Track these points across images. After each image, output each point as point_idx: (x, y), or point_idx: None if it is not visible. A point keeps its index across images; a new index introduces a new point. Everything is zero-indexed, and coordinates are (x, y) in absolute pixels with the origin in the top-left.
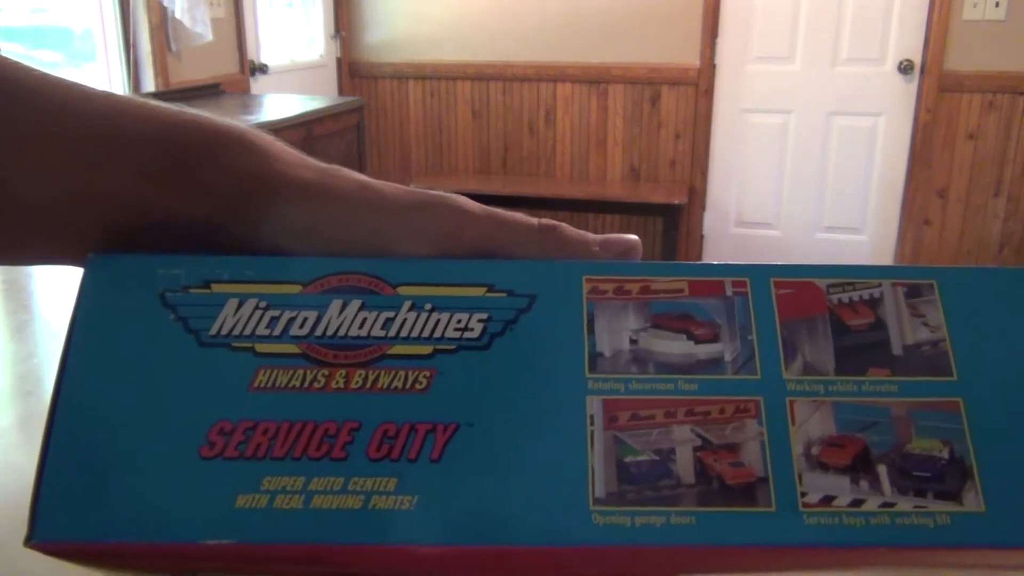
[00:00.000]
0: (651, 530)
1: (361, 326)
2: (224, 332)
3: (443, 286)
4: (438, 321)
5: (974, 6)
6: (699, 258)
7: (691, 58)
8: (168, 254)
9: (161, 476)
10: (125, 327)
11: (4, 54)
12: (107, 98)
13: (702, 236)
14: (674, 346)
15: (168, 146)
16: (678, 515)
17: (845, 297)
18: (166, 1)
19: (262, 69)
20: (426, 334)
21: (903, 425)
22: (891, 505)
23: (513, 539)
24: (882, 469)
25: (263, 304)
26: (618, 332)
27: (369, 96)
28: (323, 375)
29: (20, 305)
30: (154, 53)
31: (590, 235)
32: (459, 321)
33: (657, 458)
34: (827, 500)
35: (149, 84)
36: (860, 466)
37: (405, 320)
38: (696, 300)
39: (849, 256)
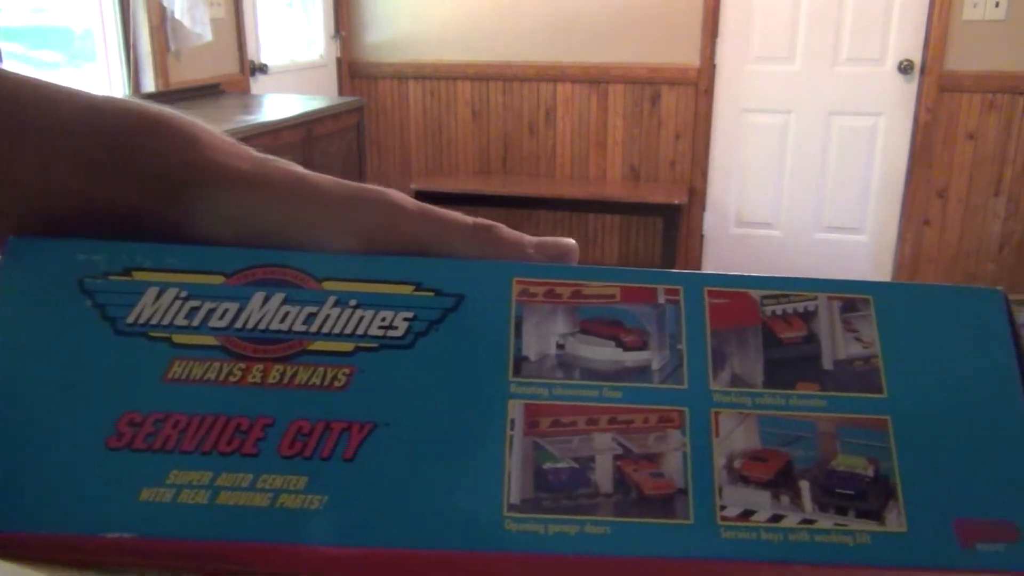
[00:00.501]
0: (564, 539)
1: (283, 320)
2: (142, 321)
3: (369, 282)
4: (362, 318)
5: (974, 6)
6: (699, 258)
7: (691, 58)
8: (92, 239)
9: (67, 466)
10: (41, 313)
11: None
12: (37, 87)
13: (702, 236)
14: (601, 352)
15: (100, 135)
16: (593, 524)
17: (779, 309)
18: (166, 1)
19: (262, 69)
20: (348, 331)
21: (828, 441)
22: (811, 522)
23: (422, 543)
24: (804, 485)
25: (183, 294)
26: (545, 336)
27: (369, 96)
28: (240, 368)
29: None
30: (154, 53)
31: (526, 237)
32: (383, 319)
33: (576, 466)
34: (746, 514)
35: (149, 84)
36: (782, 481)
37: (328, 316)
38: (627, 306)
39: (849, 256)
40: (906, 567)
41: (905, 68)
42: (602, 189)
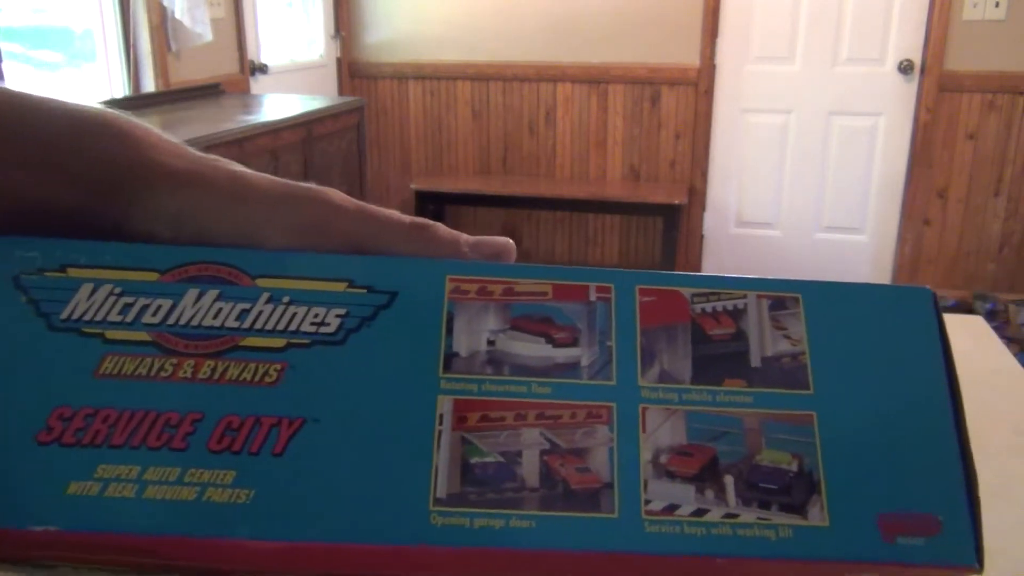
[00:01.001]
0: (490, 532)
1: (216, 316)
2: (75, 316)
3: (303, 279)
4: (295, 314)
5: (974, 6)
6: (699, 258)
7: (691, 58)
8: (30, 237)
9: None
10: None
11: None
12: None
13: (702, 236)
14: (531, 348)
15: (40, 134)
16: (519, 518)
17: (708, 307)
18: (166, 1)
19: (262, 69)
20: (281, 327)
21: (754, 436)
22: (734, 516)
23: (349, 536)
24: (729, 480)
25: (117, 290)
26: (476, 333)
27: (369, 96)
28: (171, 364)
29: None
30: (154, 53)
31: (463, 236)
32: (316, 315)
33: (503, 460)
34: (670, 509)
35: (149, 84)
36: (707, 476)
37: (261, 312)
38: (558, 304)
39: (849, 256)
40: (827, 560)
41: (905, 68)
42: (602, 189)
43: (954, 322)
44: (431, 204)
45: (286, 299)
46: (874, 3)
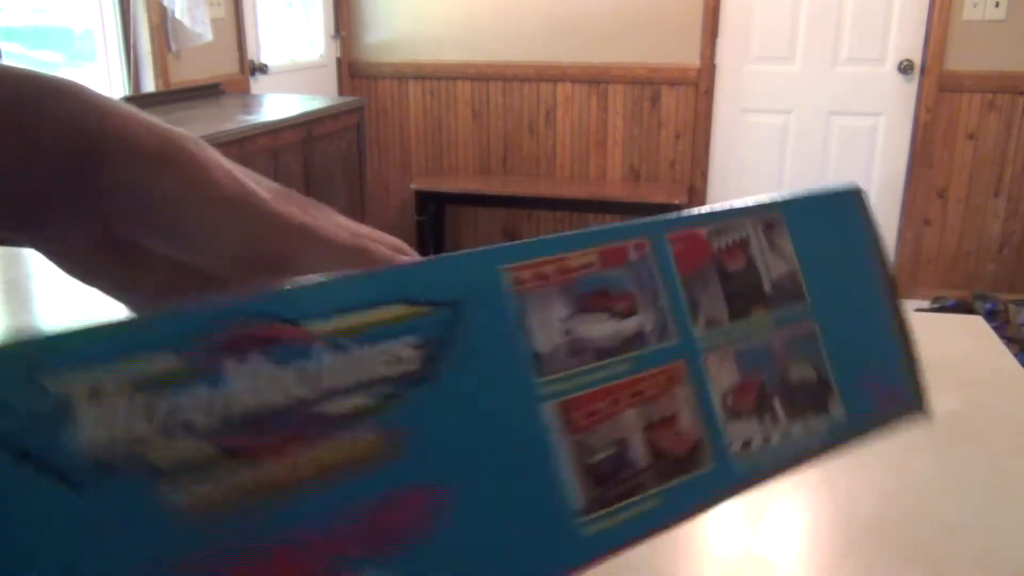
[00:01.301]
0: (632, 524)
1: (273, 390)
2: (90, 454)
3: (355, 312)
4: (367, 359)
5: (974, 6)
6: None
7: (691, 58)
8: None
9: None
10: None
11: None
12: None
13: None
14: (602, 328)
15: (2, 98)
16: (646, 500)
17: (723, 243)
18: (166, 1)
19: (262, 69)
20: (358, 379)
21: (782, 357)
22: (789, 434)
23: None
24: (776, 402)
25: (130, 388)
26: (550, 324)
27: (369, 96)
28: (248, 473)
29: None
30: (154, 53)
31: (399, 257)
32: (390, 351)
33: (616, 450)
34: (747, 444)
35: (149, 84)
36: (762, 404)
37: (327, 367)
38: (607, 272)
39: None
40: (851, 441)
41: (905, 68)
42: (602, 189)
43: (954, 322)
44: (431, 204)
45: (349, 341)
46: (874, 3)
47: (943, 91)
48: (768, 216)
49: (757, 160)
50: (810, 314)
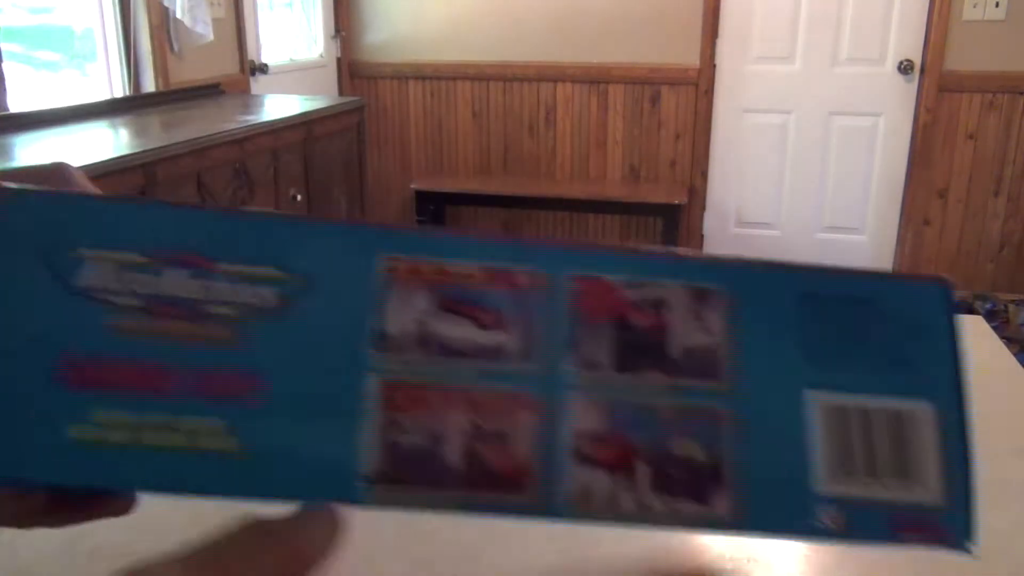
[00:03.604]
0: (408, 508)
1: (186, 291)
2: (86, 286)
3: (253, 265)
4: (243, 292)
5: (974, 6)
6: None
7: (691, 58)
8: (48, 214)
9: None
10: (9, 275)
11: None
12: None
13: (702, 236)
14: (460, 331)
15: None
16: (443, 499)
17: (635, 296)
18: (167, 1)
19: (262, 69)
20: (235, 300)
21: (670, 427)
22: (646, 504)
23: (289, 497)
24: (643, 469)
25: (115, 269)
26: (407, 313)
27: (369, 96)
28: (157, 325)
29: None
30: (154, 53)
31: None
32: (258, 294)
33: (429, 441)
34: (587, 495)
35: (149, 84)
36: (623, 464)
37: (220, 289)
38: (488, 289)
39: (849, 256)
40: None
41: (905, 68)
42: (602, 189)
43: None
44: (431, 204)
45: (237, 280)
46: (874, 3)
47: (943, 91)
48: (704, 286)
49: (757, 160)
50: (722, 398)
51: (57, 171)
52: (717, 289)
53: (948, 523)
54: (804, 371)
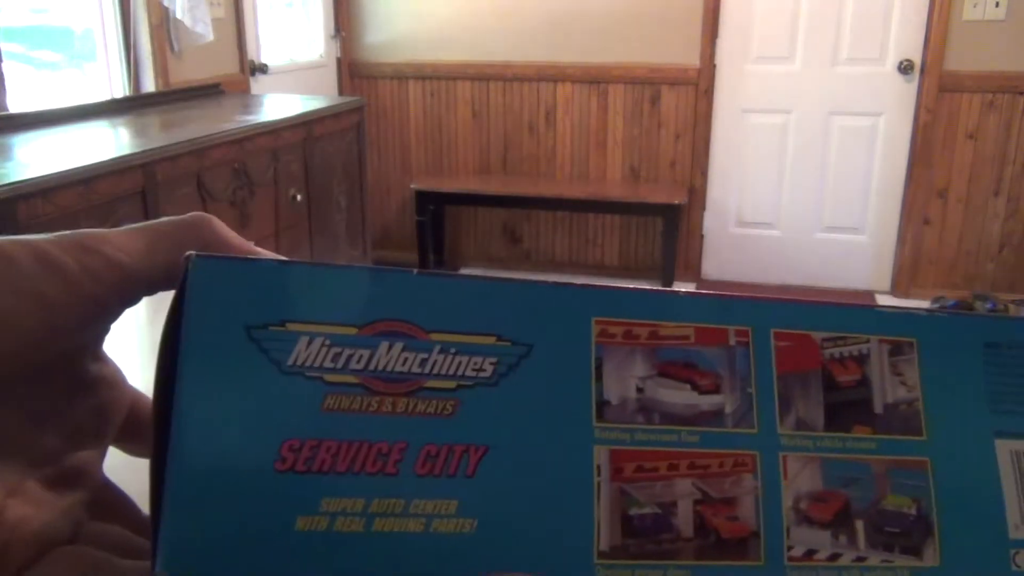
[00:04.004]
0: None
1: (404, 364)
2: (299, 363)
3: (465, 335)
4: (460, 362)
5: (974, 6)
6: (699, 258)
7: (691, 58)
8: (250, 285)
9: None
10: (219, 352)
11: None
12: None
13: (702, 236)
14: (678, 396)
15: None
16: (676, 569)
17: (836, 352)
18: (167, 1)
19: (262, 69)
20: (451, 372)
21: (880, 482)
22: (863, 559)
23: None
24: (859, 524)
25: (328, 342)
26: (625, 379)
27: (369, 96)
28: (376, 401)
29: None
30: (154, 53)
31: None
32: (475, 363)
33: (660, 511)
34: (809, 554)
35: (149, 84)
36: (841, 521)
37: (436, 360)
38: (700, 349)
39: (849, 256)
40: None
41: (905, 68)
42: (602, 189)
43: None
44: (431, 204)
45: (453, 350)
46: (874, 3)
47: (943, 91)
48: (899, 339)
49: (757, 160)
50: (925, 451)
51: (200, 224)
52: (911, 341)
53: None
54: (991, 420)
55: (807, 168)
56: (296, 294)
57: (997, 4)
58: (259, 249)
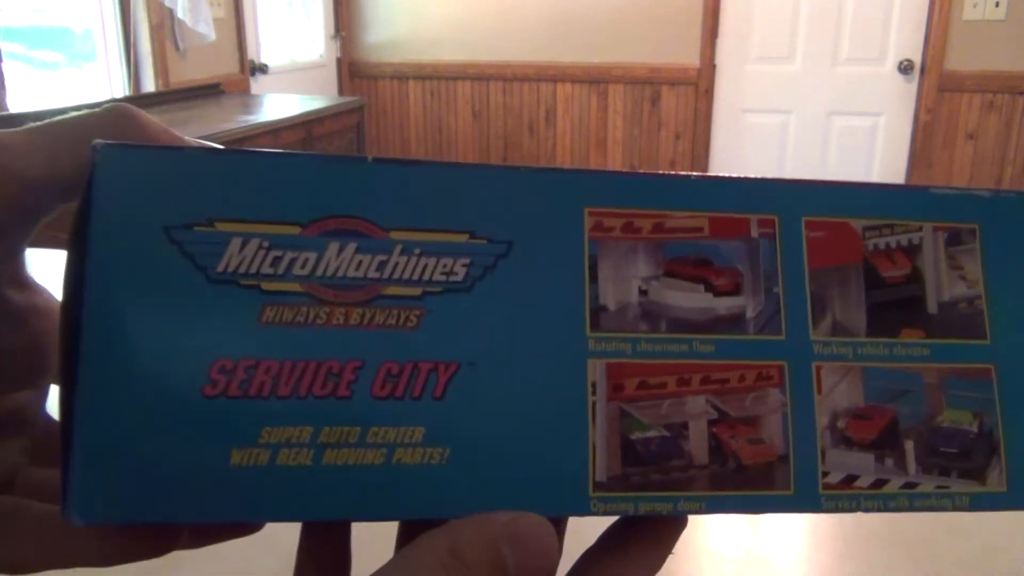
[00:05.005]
0: (653, 509)
1: (358, 268)
2: (231, 270)
3: (431, 231)
4: (426, 265)
5: (974, 6)
6: None
7: (691, 58)
8: (170, 178)
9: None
10: (132, 257)
11: None
12: None
13: None
14: (690, 298)
15: None
16: (687, 501)
17: (882, 243)
18: (168, 1)
19: (262, 69)
20: (416, 277)
21: (934, 394)
22: (913, 485)
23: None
24: (909, 445)
25: (266, 244)
26: (625, 280)
27: (369, 96)
28: (324, 312)
29: None
30: (154, 53)
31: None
32: (445, 265)
33: (668, 434)
34: (849, 480)
35: (149, 84)
36: (886, 441)
37: (397, 263)
38: (716, 242)
39: None
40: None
41: (905, 68)
42: None
43: None
44: None
45: (418, 251)
46: (874, 3)
47: (943, 91)
48: (958, 226)
49: (757, 160)
50: (989, 356)
51: (124, 116)
52: (972, 227)
53: None
54: None
55: (807, 168)
56: (227, 188)
57: (997, 4)
58: (191, 139)
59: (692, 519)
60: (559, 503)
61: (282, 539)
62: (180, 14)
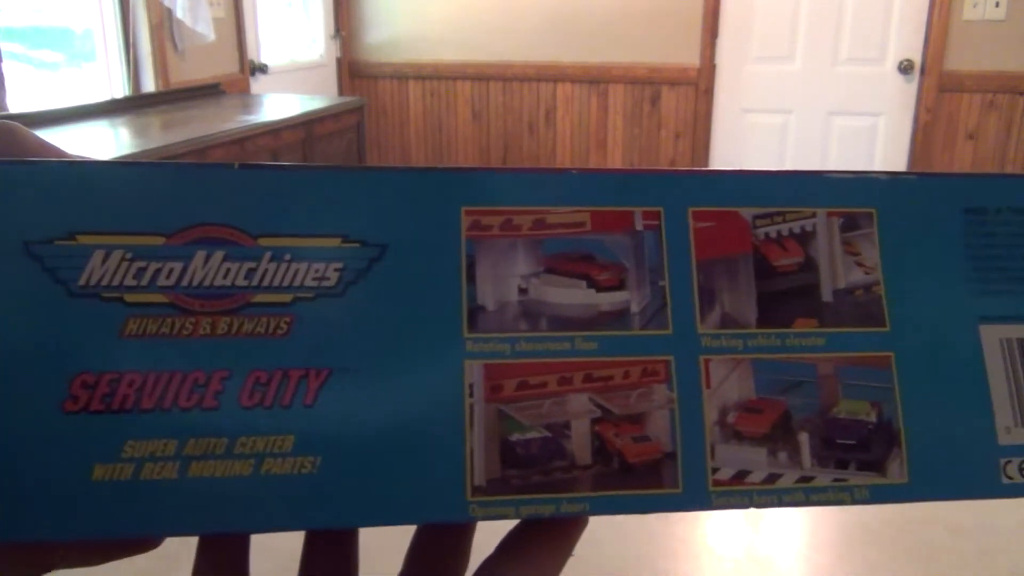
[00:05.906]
0: (533, 512)
1: (225, 276)
2: (93, 283)
3: (301, 237)
4: (297, 271)
5: (974, 6)
6: None
7: (691, 58)
8: (30, 192)
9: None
10: None
11: None
12: None
13: None
14: (571, 295)
15: None
16: (570, 502)
17: (773, 231)
18: (167, 1)
19: (262, 69)
20: (286, 283)
21: (829, 385)
22: (809, 479)
23: (385, 521)
24: (803, 438)
25: (129, 255)
26: (504, 279)
27: (369, 96)
28: (190, 323)
29: None
30: (154, 53)
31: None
32: (316, 271)
33: (549, 435)
34: (740, 476)
35: (149, 84)
36: (779, 435)
37: (266, 270)
38: (599, 236)
39: None
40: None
41: (905, 68)
42: None
43: None
44: None
45: (288, 257)
46: (874, 3)
47: (943, 91)
48: (853, 210)
49: (757, 160)
50: (888, 344)
51: (3, 132)
52: (868, 211)
53: None
54: (975, 302)
55: (807, 168)
56: (88, 200)
57: (997, 4)
58: (74, 154)
59: (692, 518)
60: (435, 510)
61: (279, 543)
62: (179, 14)
